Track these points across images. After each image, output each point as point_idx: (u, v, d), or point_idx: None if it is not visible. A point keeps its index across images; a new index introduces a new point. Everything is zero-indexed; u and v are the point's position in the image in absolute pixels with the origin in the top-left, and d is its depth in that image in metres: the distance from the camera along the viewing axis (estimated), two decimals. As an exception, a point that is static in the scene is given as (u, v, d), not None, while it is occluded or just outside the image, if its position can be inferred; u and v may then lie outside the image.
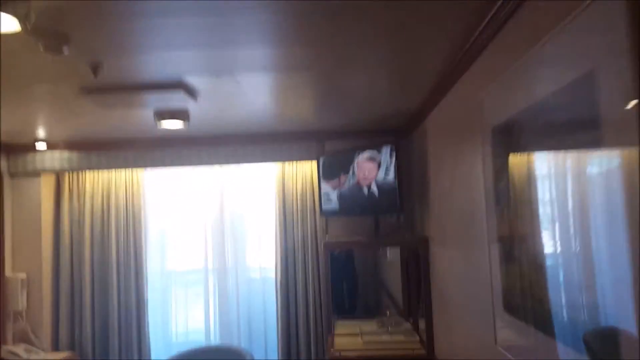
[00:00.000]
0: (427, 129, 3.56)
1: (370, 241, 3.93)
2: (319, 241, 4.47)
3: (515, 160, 1.87)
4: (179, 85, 2.63)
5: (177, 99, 2.93)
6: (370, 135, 4.25)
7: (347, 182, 4.04)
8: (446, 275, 3.09)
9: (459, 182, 2.66)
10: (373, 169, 3.84)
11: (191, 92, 2.80)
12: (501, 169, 1.98)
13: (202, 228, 4.78)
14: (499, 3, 1.79)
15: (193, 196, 4.81)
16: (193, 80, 2.63)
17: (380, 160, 3.78)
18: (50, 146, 4.41)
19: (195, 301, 4.77)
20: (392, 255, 4.41)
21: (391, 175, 3.69)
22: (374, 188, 3.83)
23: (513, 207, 1.86)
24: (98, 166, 4.51)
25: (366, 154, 3.90)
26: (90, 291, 4.55)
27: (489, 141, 2.09)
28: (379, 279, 4.50)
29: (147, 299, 4.59)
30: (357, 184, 3.95)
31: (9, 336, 4.27)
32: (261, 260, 4.74)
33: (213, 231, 4.76)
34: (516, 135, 1.79)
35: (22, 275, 4.37)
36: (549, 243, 1.57)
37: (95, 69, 2.26)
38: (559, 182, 1.50)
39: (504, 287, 1.98)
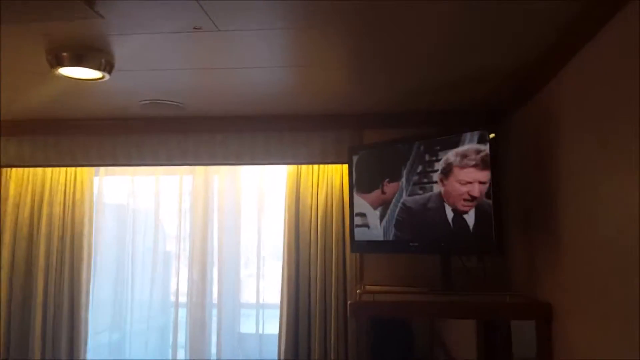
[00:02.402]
0: (559, 99, 1.88)
1: (435, 303, 2.19)
2: (348, 288, 2.81)
3: None
4: None
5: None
6: (443, 119, 2.61)
7: (399, 194, 2.37)
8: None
9: None
10: (478, 177, 2.05)
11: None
12: None
13: (174, 259, 3.19)
14: None
15: (162, 208, 3.23)
16: None
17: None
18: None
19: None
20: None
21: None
22: (471, 214, 2.08)
23: None
24: (20, 161, 3.02)
25: (463, 148, 2.15)
26: (4, 349, 3.01)
27: None
28: (438, 341, 2.79)
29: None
30: (440, 198, 2.20)
31: None
32: (258, 316, 3.09)
33: (189, 265, 3.15)
34: None
35: None
36: None
37: None
38: None
39: None
